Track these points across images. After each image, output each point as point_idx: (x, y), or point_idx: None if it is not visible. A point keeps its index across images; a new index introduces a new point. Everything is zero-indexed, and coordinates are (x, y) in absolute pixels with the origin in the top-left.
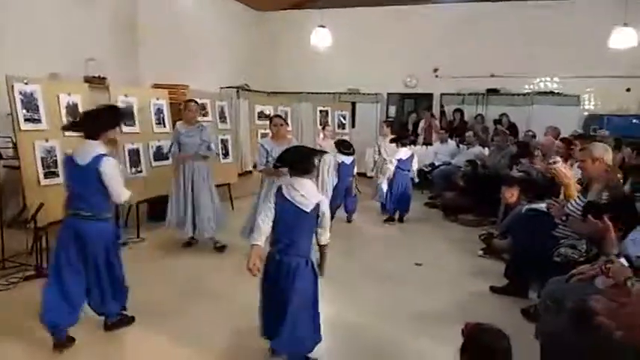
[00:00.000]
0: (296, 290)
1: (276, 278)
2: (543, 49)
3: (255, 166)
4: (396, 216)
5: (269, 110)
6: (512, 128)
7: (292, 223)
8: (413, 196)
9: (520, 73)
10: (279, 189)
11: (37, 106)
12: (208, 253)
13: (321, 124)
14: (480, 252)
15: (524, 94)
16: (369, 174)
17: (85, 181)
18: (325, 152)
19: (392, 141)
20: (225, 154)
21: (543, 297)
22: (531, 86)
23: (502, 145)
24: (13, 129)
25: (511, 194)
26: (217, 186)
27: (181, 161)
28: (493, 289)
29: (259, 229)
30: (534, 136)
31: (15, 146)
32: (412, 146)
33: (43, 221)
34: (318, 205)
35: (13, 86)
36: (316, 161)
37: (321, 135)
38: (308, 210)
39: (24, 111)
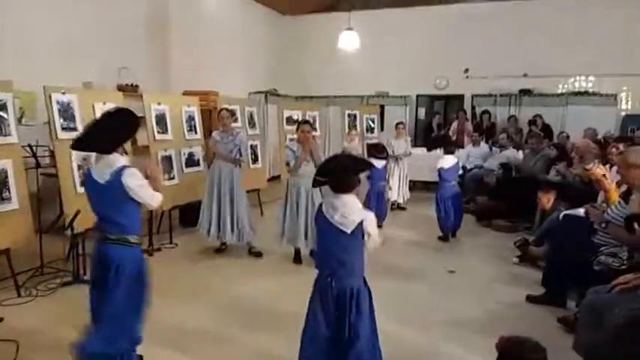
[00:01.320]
0: (358, 318)
1: (331, 306)
2: (577, 48)
3: (287, 164)
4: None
5: (297, 115)
6: (547, 129)
7: (335, 246)
8: None
9: (554, 72)
10: (320, 208)
11: (74, 116)
12: (242, 259)
13: (349, 128)
14: (515, 259)
15: (558, 95)
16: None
17: (108, 200)
18: (372, 165)
19: (432, 147)
20: (255, 160)
21: (583, 307)
22: (566, 86)
23: (537, 147)
24: (50, 138)
25: (548, 199)
26: (247, 192)
27: (217, 165)
28: (529, 298)
29: None
30: (568, 137)
31: (52, 154)
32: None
33: (80, 228)
34: (361, 224)
35: (50, 96)
36: (362, 175)
37: (348, 138)
38: (349, 231)
39: (61, 120)
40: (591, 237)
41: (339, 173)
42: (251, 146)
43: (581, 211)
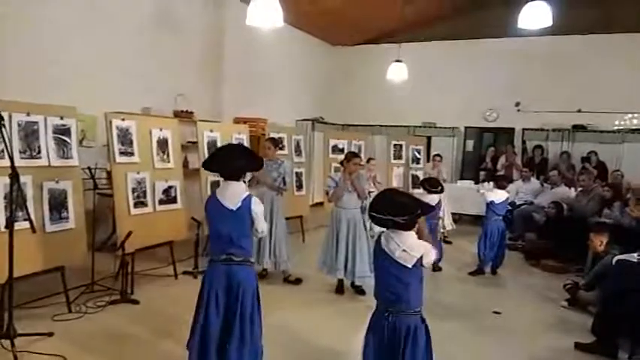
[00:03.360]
0: (413, 356)
1: (387, 342)
2: (634, 84)
3: (327, 194)
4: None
5: (343, 144)
6: (601, 167)
7: (394, 279)
8: None
9: (609, 108)
10: (378, 241)
11: (131, 141)
12: (283, 286)
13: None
14: (564, 303)
15: (613, 132)
16: None
17: (237, 224)
18: (432, 208)
19: (486, 180)
20: (299, 187)
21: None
22: (622, 122)
23: (587, 186)
24: (108, 160)
25: (600, 242)
26: (290, 218)
27: (259, 192)
28: (578, 346)
29: None
30: (622, 176)
31: (109, 175)
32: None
33: (130, 248)
34: (421, 258)
35: (111, 122)
36: (419, 213)
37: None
38: (410, 265)
39: (119, 145)
40: None
41: (398, 212)
42: (296, 173)
43: (635, 256)
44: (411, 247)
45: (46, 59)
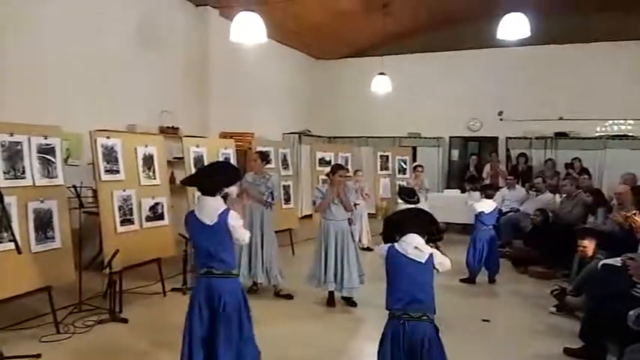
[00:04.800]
0: None
1: (404, 353)
2: (615, 91)
3: (314, 204)
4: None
5: (330, 157)
6: (585, 173)
7: (410, 278)
8: None
9: (590, 115)
10: (392, 247)
11: (117, 158)
12: (274, 301)
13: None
14: (552, 308)
15: (595, 138)
16: None
17: (216, 239)
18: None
19: (472, 190)
20: (287, 200)
21: None
22: (603, 129)
23: (571, 191)
24: (94, 178)
25: (586, 247)
26: (279, 231)
27: (248, 207)
28: (567, 352)
29: None
30: (590, 178)
31: (95, 193)
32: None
33: (117, 266)
34: (431, 256)
35: (96, 140)
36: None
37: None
38: (423, 260)
39: (105, 163)
40: (631, 290)
41: (415, 227)
42: (284, 186)
43: (620, 261)
44: (420, 244)
45: (30, 78)
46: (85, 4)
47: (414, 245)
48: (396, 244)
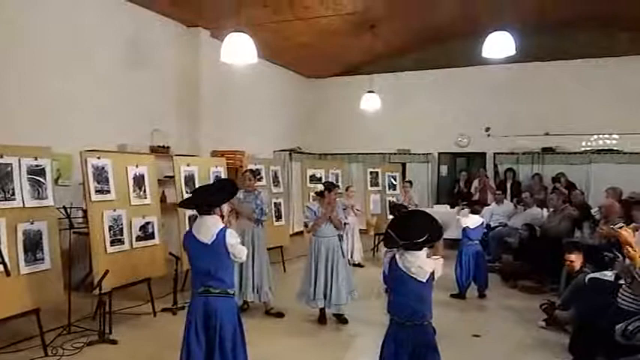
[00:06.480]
0: None
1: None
2: (599, 106)
3: (306, 225)
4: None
5: (320, 174)
6: (571, 188)
7: (411, 294)
8: None
9: (576, 130)
10: (393, 259)
11: (107, 179)
12: (264, 319)
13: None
14: (541, 322)
15: (581, 153)
16: None
17: (213, 258)
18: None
19: (460, 205)
20: (278, 217)
21: None
22: (589, 144)
23: (557, 205)
24: (84, 198)
25: (573, 261)
26: (270, 249)
27: (240, 224)
28: None
29: None
30: (582, 193)
31: (85, 214)
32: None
33: (107, 287)
34: (432, 274)
35: (86, 160)
36: (437, 234)
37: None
38: (424, 280)
39: (95, 183)
40: (616, 298)
41: (416, 235)
42: (275, 204)
43: (608, 274)
44: (423, 262)
45: (20, 99)
46: (75, 24)
47: (417, 264)
48: (397, 256)
